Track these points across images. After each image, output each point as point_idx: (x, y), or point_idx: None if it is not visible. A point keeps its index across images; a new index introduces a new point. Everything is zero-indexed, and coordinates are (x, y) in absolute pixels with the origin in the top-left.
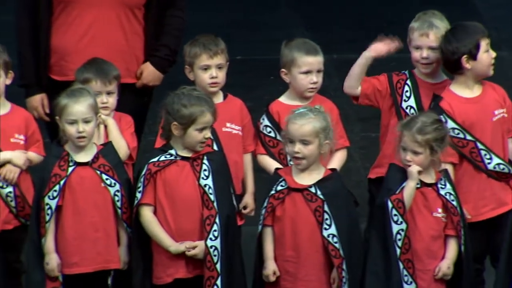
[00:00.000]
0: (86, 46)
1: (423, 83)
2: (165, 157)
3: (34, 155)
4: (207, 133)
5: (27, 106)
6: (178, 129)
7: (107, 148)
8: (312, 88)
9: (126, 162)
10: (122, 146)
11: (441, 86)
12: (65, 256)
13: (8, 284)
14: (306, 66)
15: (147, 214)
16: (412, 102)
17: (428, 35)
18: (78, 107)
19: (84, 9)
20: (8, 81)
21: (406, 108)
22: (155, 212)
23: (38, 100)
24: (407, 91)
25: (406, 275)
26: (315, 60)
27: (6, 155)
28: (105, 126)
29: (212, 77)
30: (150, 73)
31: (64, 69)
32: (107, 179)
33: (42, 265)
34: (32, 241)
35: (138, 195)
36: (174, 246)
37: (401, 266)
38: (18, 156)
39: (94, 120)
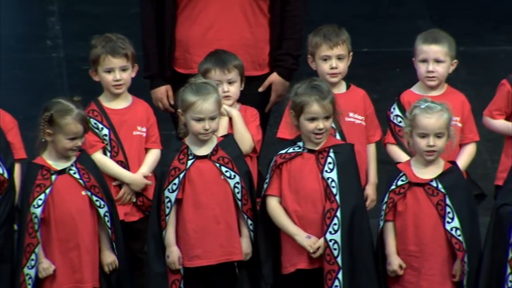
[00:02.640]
0: (211, 39)
1: None
2: (293, 149)
3: (152, 165)
4: (319, 124)
5: (152, 97)
6: (294, 119)
7: (227, 140)
8: (428, 77)
9: (250, 155)
10: (247, 138)
11: None
12: (186, 249)
13: (133, 273)
14: (422, 55)
15: (273, 204)
16: None
17: None
18: (206, 106)
19: (209, 2)
20: (133, 74)
21: None
22: (280, 203)
23: (163, 92)
24: None
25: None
26: (430, 49)
27: (126, 177)
28: (230, 118)
29: (332, 68)
30: (279, 84)
31: (189, 62)
32: (226, 171)
33: (163, 258)
34: (153, 234)
35: (265, 186)
36: (300, 235)
37: (508, 270)
38: (137, 183)
39: (218, 116)
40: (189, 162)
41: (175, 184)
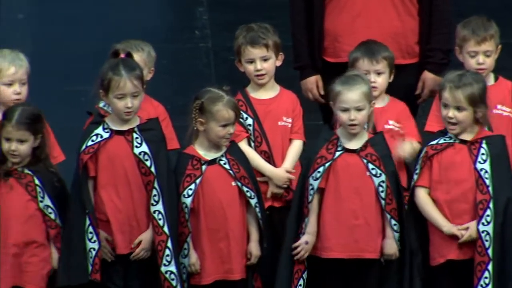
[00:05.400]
0: (359, 28)
1: None
2: (444, 139)
3: (295, 158)
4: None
5: (302, 88)
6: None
7: (377, 138)
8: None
9: None
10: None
11: None
12: (322, 239)
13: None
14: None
15: (422, 195)
16: None
17: None
18: (351, 95)
19: None
20: (278, 63)
21: None
22: (429, 194)
23: (313, 82)
24: None
25: None
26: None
27: (267, 170)
28: None
29: (479, 63)
30: (431, 80)
31: (338, 51)
32: (373, 168)
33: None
34: (293, 220)
35: (415, 176)
36: (447, 226)
37: None
38: (278, 178)
39: (367, 108)
40: (337, 154)
41: (319, 172)
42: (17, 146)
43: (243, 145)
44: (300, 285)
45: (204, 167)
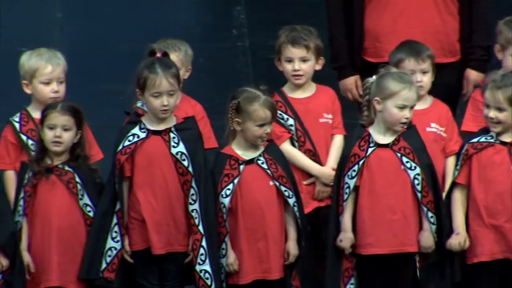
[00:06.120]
0: (401, 27)
1: None
2: (485, 138)
3: (338, 154)
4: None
5: (340, 88)
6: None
7: (411, 131)
8: None
9: None
10: None
11: None
12: (360, 236)
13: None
14: None
15: (455, 193)
16: None
17: None
18: (411, 94)
19: None
20: (318, 67)
21: None
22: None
23: (352, 82)
24: None
25: None
26: None
27: (314, 169)
28: None
29: None
30: (474, 77)
31: (379, 51)
32: (407, 162)
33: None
34: (333, 219)
35: (455, 172)
36: (457, 237)
37: None
38: (325, 176)
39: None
40: (370, 150)
41: (354, 170)
42: (62, 133)
43: (287, 146)
44: (352, 284)
45: (242, 167)
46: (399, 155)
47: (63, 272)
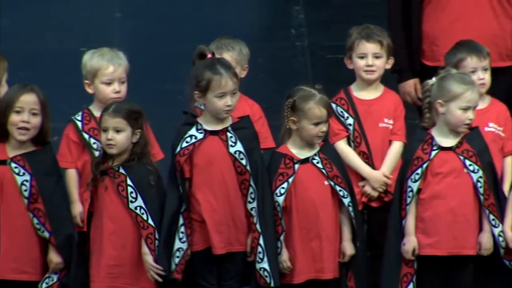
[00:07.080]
0: (458, 31)
1: None
2: None
3: (394, 162)
4: None
5: (399, 91)
6: None
7: (474, 133)
8: None
9: None
10: None
11: None
12: (421, 238)
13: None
14: None
15: None
16: None
17: None
18: (474, 96)
19: None
20: (388, 66)
21: None
22: None
23: (411, 85)
24: None
25: None
26: None
27: (364, 171)
28: None
29: None
30: None
31: (436, 54)
32: (470, 165)
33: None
34: (393, 223)
35: None
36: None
37: None
38: (375, 180)
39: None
40: (433, 153)
41: (417, 174)
42: (113, 135)
43: (342, 144)
44: None
45: (296, 166)
46: (462, 158)
47: (111, 275)
